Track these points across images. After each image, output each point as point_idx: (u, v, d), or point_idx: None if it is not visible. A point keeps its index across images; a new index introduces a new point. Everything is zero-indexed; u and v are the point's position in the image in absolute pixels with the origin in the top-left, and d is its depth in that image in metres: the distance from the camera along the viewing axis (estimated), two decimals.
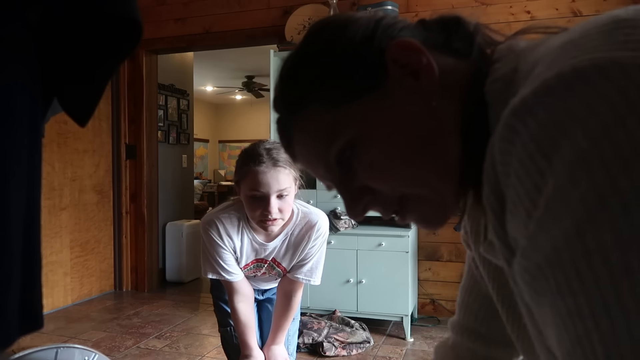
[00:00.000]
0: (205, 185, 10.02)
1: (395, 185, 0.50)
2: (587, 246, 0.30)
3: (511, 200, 0.37)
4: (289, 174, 1.38)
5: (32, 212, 0.60)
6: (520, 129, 0.35)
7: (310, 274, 1.55)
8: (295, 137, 0.54)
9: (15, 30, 0.58)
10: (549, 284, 0.33)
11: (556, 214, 0.32)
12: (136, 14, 0.67)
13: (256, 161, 1.35)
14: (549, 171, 0.33)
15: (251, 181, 1.35)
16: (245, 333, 1.54)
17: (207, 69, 7.93)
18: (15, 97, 0.57)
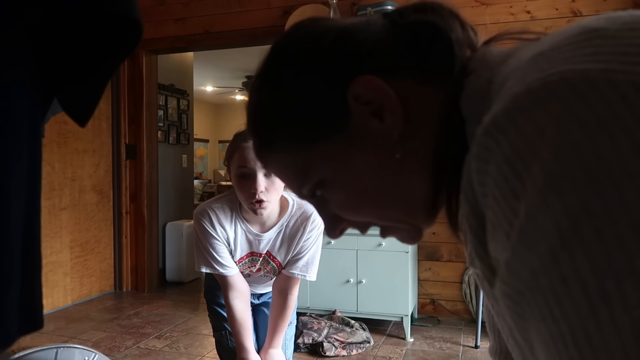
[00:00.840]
0: (205, 185, 10.02)
1: (368, 220, 0.52)
2: (563, 273, 0.30)
3: (490, 222, 0.36)
4: None
5: (32, 212, 0.60)
6: (494, 148, 0.35)
7: (306, 269, 1.50)
8: (269, 165, 0.55)
9: (15, 30, 0.58)
10: (530, 309, 0.32)
11: (531, 240, 0.31)
12: (136, 13, 0.67)
13: (244, 138, 1.34)
14: (522, 194, 0.32)
15: (238, 157, 1.35)
16: (241, 334, 1.49)
17: (207, 69, 7.93)
18: (15, 97, 0.57)
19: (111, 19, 0.67)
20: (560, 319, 0.30)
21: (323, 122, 0.48)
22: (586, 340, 0.29)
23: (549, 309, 0.31)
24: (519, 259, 0.32)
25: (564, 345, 0.30)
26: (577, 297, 0.29)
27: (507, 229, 0.34)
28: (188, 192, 5.42)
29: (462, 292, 3.47)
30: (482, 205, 0.38)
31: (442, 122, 0.46)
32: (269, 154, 0.53)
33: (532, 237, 0.31)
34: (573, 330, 0.29)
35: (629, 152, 0.28)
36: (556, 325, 0.30)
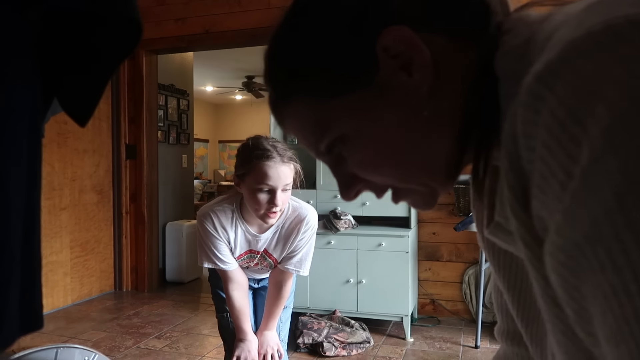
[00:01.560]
0: (205, 185, 10.02)
1: (387, 181, 0.50)
2: (630, 217, 0.28)
3: (539, 174, 0.34)
4: (293, 169, 1.47)
5: (32, 212, 0.60)
6: (547, 95, 0.32)
7: (300, 265, 1.62)
8: (285, 120, 0.52)
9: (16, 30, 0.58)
10: (589, 262, 0.30)
11: (594, 185, 0.29)
12: (136, 13, 0.67)
13: (265, 156, 1.41)
14: (584, 138, 0.30)
15: (259, 175, 1.41)
16: (240, 319, 1.63)
17: (207, 69, 7.93)
18: (15, 96, 0.57)
19: (111, 19, 0.67)
20: (624, 267, 0.28)
21: (348, 73, 0.46)
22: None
23: (610, 258, 0.29)
24: (579, 206, 0.30)
25: (627, 295, 0.28)
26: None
27: (562, 179, 0.32)
28: (188, 192, 5.42)
29: (462, 292, 3.47)
30: (525, 160, 0.36)
31: (474, 80, 0.44)
32: (286, 107, 0.50)
33: (596, 182, 0.29)
34: (638, 278, 0.28)
35: None
36: (618, 275, 0.28)
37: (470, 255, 3.44)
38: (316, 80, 0.47)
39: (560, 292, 0.34)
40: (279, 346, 1.69)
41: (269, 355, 1.66)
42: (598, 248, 0.29)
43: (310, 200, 3.38)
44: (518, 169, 0.37)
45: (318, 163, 3.37)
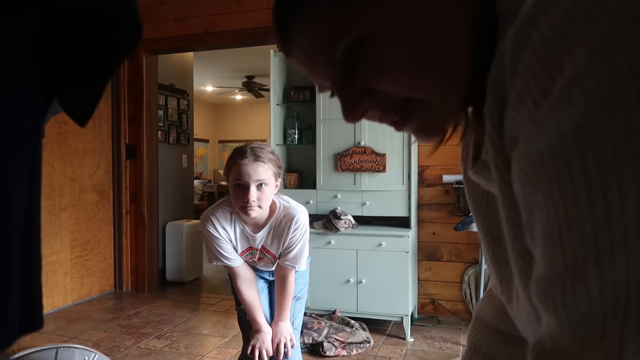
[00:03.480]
0: (205, 185, 10.02)
1: (404, 87, 0.47)
2: (595, 131, 0.30)
3: (516, 93, 0.35)
4: (269, 168, 1.62)
5: (32, 212, 0.60)
6: (541, 19, 0.34)
7: (295, 261, 1.75)
8: (298, 29, 0.49)
9: (15, 30, 0.58)
10: (546, 170, 0.32)
11: (569, 100, 0.31)
12: (136, 14, 0.67)
13: (241, 156, 1.61)
14: (566, 59, 0.32)
15: (235, 172, 1.61)
16: (252, 311, 1.79)
17: (207, 69, 7.93)
18: (15, 97, 0.57)
19: (111, 19, 0.67)
20: (579, 178, 0.31)
21: None
22: (602, 195, 0.30)
23: (568, 168, 0.31)
24: (550, 119, 0.32)
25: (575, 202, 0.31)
26: (603, 156, 0.30)
27: (537, 96, 0.33)
28: (188, 192, 5.42)
29: (462, 292, 3.47)
30: (507, 85, 0.37)
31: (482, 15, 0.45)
32: (300, 13, 0.48)
33: (571, 98, 0.31)
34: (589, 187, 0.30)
35: None
36: (571, 184, 0.31)
37: (471, 255, 3.44)
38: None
39: (519, 199, 0.37)
40: (291, 336, 1.82)
41: (282, 344, 1.79)
42: (558, 159, 0.32)
43: (311, 200, 3.38)
44: (499, 94, 0.38)
45: (318, 163, 3.37)
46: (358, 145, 3.27)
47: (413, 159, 3.26)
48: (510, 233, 0.42)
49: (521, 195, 0.36)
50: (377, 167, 3.22)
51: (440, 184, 3.46)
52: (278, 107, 3.57)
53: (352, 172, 3.29)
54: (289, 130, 3.63)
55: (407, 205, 3.21)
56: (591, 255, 0.30)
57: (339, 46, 0.47)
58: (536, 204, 0.34)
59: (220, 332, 3.32)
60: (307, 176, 3.66)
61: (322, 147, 3.36)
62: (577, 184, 0.31)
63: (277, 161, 1.67)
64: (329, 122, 3.34)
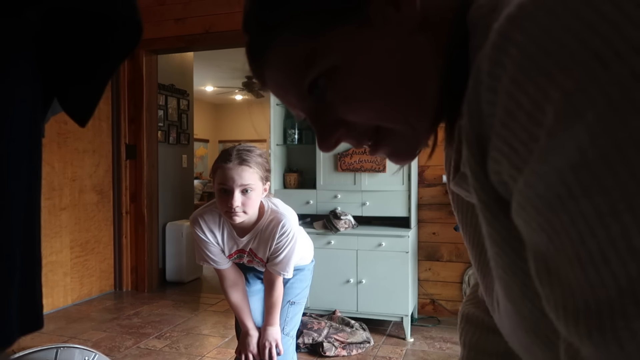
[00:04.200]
0: (205, 185, 10.01)
1: (371, 117, 0.48)
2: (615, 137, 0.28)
3: (505, 110, 0.34)
4: (254, 172, 1.55)
5: (32, 212, 0.60)
6: (518, 34, 0.33)
7: (282, 268, 1.69)
8: (267, 63, 0.50)
9: (15, 30, 0.58)
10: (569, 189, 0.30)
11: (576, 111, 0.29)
12: (136, 14, 0.67)
13: (225, 159, 1.55)
14: (556, 70, 0.30)
15: (219, 176, 1.55)
16: (239, 314, 1.77)
17: (207, 69, 7.93)
18: (16, 97, 0.57)
19: (111, 19, 0.67)
20: (613, 188, 0.28)
21: (336, 6, 0.46)
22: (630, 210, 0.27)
23: (597, 181, 0.28)
24: (564, 134, 0.30)
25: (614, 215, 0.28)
26: (635, 159, 0.27)
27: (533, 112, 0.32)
28: (188, 192, 5.42)
29: (462, 292, 3.47)
30: (484, 101, 0.36)
31: (451, 36, 0.45)
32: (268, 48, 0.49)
33: (576, 108, 0.29)
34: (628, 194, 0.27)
35: None
36: (604, 196, 0.28)
37: None
38: (307, 14, 0.47)
39: (525, 230, 0.34)
40: (277, 341, 1.75)
41: (267, 349, 1.74)
42: (582, 173, 0.29)
43: (310, 200, 3.38)
44: (476, 110, 0.37)
45: (318, 163, 3.37)
46: None
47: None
48: (491, 248, 0.42)
49: (537, 224, 0.33)
50: (377, 167, 3.22)
51: (440, 184, 3.46)
52: (278, 107, 3.57)
53: (352, 172, 3.29)
54: (289, 130, 3.63)
55: (407, 205, 3.21)
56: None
57: (306, 79, 0.48)
58: (561, 227, 0.31)
59: (220, 332, 3.32)
60: (307, 176, 3.66)
61: None
62: (613, 195, 0.28)
63: (265, 164, 1.61)
64: None
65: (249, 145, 1.64)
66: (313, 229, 3.24)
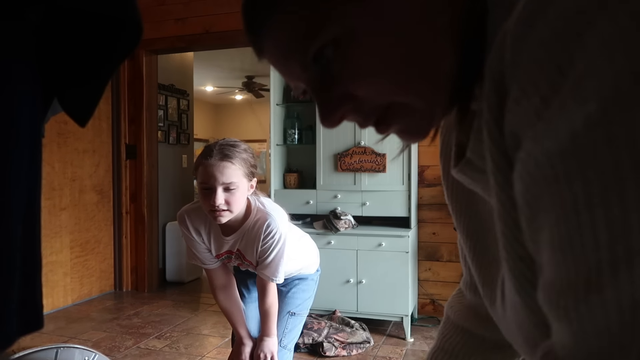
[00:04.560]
0: None
1: (384, 92, 0.44)
2: (610, 130, 0.27)
3: (520, 88, 0.33)
4: (238, 169, 1.45)
5: (32, 212, 0.60)
6: (546, 8, 0.32)
7: (271, 272, 1.58)
8: (268, 29, 0.46)
9: (15, 30, 0.58)
10: (555, 172, 0.30)
11: (581, 95, 0.29)
12: (136, 14, 0.67)
13: (206, 155, 1.46)
14: (578, 50, 0.29)
15: (201, 174, 1.46)
16: (231, 320, 1.69)
17: (207, 69, 7.92)
18: (16, 97, 0.57)
19: (111, 19, 0.67)
20: (594, 181, 0.28)
21: None
22: (618, 199, 0.27)
23: (581, 171, 0.28)
24: (561, 116, 0.30)
25: (587, 206, 0.28)
26: (619, 156, 0.27)
27: (545, 92, 0.31)
28: (188, 192, 5.42)
29: None
30: (508, 77, 0.35)
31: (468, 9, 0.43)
32: (270, 12, 0.45)
33: (584, 92, 0.29)
34: (604, 190, 0.28)
35: None
36: (584, 187, 0.28)
37: None
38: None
39: (520, 200, 0.35)
40: (273, 354, 1.64)
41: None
42: (570, 160, 0.29)
43: (310, 200, 3.38)
44: (500, 87, 0.36)
45: (318, 163, 3.37)
46: (358, 145, 3.27)
47: (413, 159, 3.26)
48: (509, 235, 0.40)
49: (523, 197, 0.34)
50: (377, 167, 3.22)
51: (440, 184, 3.46)
52: (278, 107, 3.57)
53: (352, 172, 3.29)
54: (289, 130, 3.63)
55: (407, 205, 3.21)
56: (607, 263, 0.27)
57: (311, 47, 0.44)
58: (543, 207, 0.32)
59: (220, 332, 3.32)
60: (307, 176, 3.66)
61: (322, 147, 3.36)
62: (591, 186, 0.28)
63: (250, 159, 1.49)
64: None
65: (232, 139, 1.53)
66: (313, 229, 3.24)
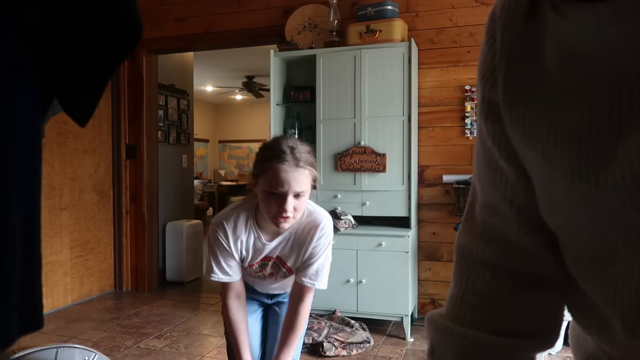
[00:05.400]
0: (205, 185, 10.02)
1: None
2: None
3: None
4: (309, 174, 1.38)
5: (32, 212, 0.61)
6: None
7: (315, 277, 1.50)
8: None
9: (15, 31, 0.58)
10: None
11: None
12: (136, 14, 0.67)
13: (279, 158, 1.35)
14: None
15: (271, 178, 1.35)
16: (237, 339, 1.53)
17: (207, 69, 7.93)
18: (16, 97, 0.57)
19: (111, 20, 0.67)
20: None
21: None
22: None
23: None
24: None
25: None
26: None
27: None
28: (188, 192, 5.42)
29: None
30: None
31: None
32: None
33: None
34: None
35: None
36: None
37: None
38: None
39: None
40: None
41: None
42: None
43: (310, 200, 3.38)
44: None
45: (318, 163, 3.37)
46: (358, 145, 3.27)
47: (413, 159, 3.26)
48: None
49: None
50: (377, 167, 3.22)
51: (440, 184, 3.46)
52: (278, 107, 3.57)
53: (352, 172, 3.29)
54: (289, 130, 3.63)
55: (407, 205, 3.21)
56: None
57: None
58: None
59: (220, 332, 3.32)
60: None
61: (322, 147, 3.36)
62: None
63: (315, 162, 1.42)
64: (329, 122, 3.34)
65: (296, 139, 1.44)
66: None
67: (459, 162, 3.40)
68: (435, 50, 3.43)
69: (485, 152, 0.52)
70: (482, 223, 0.54)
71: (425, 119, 3.44)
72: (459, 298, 0.56)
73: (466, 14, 3.37)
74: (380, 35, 3.20)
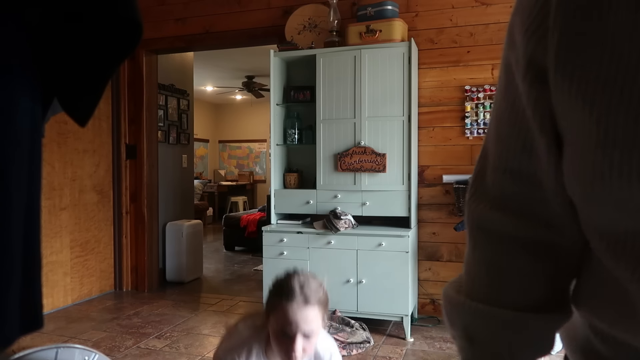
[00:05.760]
0: (205, 185, 10.01)
1: None
2: None
3: None
4: (318, 314, 1.37)
5: (32, 212, 0.61)
6: None
7: None
8: None
9: (15, 31, 0.58)
10: None
11: None
12: (136, 14, 0.67)
13: (288, 296, 1.35)
14: None
15: (281, 317, 1.35)
16: None
17: (207, 69, 7.92)
18: (16, 97, 0.57)
19: (111, 20, 0.67)
20: None
21: None
22: None
23: None
24: None
25: None
26: None
27: None
28: (188, 192, 5.42)
29: None
30: None
31: None
32: None
33: None
34: None
35: None
36: None
37: None
38: None
39: None
40: None
41: None
42: None
43: (310, 200, 3.38)
44: None
45: (318, 163, 3.37)
46: (358, 145, 3.27)
47: (413, 159, 3.26)
48: None
49: None
50: (377, 167, 3.22)
51: (440, 184, 3.46)
52: (278, 107, 3.57)
53: (352, 172, 3.29)
54: (289, 130, 3.63)
55: (407, 205, 3.21)
56: None
57: None
58: None
59: (220, 332, 3.32)
60: (307, 176, 3.66)
61: (322, 147, 3.36)
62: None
63: (326, 297, 1.40)
64: (329, 122, 3.34)
65: (307, 273, 1.43)
66: (313, 229, 3.24)
67: (458, 162, 3.40)
68: (435, 50, 3.43)
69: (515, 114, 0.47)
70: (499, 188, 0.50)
71: (425, 119, 3.44)
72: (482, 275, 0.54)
73: (466, 14, 3.37)
74: (380, 35, 3.20)
